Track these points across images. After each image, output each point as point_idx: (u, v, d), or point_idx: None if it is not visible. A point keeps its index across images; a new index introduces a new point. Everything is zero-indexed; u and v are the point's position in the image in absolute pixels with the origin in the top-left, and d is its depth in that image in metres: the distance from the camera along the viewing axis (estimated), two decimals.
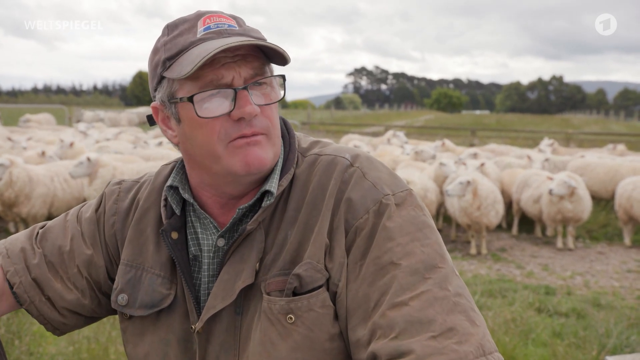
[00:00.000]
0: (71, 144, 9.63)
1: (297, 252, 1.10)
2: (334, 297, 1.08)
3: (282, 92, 1.15)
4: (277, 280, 1.09)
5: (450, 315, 0.98)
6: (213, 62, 1.05)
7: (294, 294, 1.07)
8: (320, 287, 1.07)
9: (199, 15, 1.11)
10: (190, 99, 1.07)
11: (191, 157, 1.15)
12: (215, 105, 1.07)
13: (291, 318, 1.06)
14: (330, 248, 1.08)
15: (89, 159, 7.32)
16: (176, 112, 1.11)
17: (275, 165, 1.15)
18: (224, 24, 1.10)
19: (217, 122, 1.07)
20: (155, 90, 1.15)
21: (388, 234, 1.05)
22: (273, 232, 1.13)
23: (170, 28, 1.12)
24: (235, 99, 1.06)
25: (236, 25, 1.11)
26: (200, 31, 1.08)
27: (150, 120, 1.23)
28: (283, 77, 1.14)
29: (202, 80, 1.06)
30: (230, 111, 1.07)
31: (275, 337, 1.07)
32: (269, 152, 1.11)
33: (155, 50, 1.13)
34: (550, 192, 7.40)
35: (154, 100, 1.17)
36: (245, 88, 1.07)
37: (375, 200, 1.08)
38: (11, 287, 1.26)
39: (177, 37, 1.09)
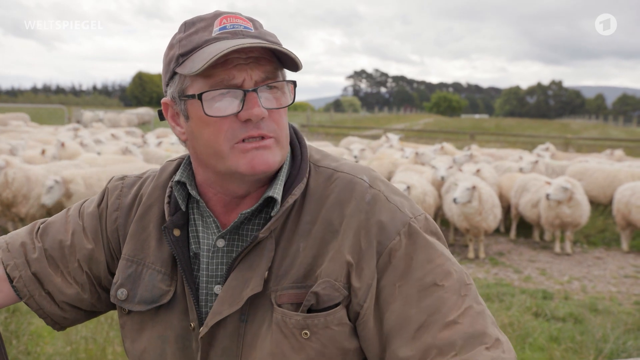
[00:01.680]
0: (62, 145, 9.61)
1: (311, 267, 1.10)
2: (355, 317, 1.10)
3: (291, 98, 1.15)
4: (289, 293, 1.10)
5: (490, 327, 1.06)
6: (226, 62, 1.05)
7: (309, 310, 1.08)
8: (337, 305, 1.08)
9: (216, 15, 1.12)
10: (200, 97, 1.07)
11: (197, 154, 1.16)
12: (224, 105, 1.07)
13: (306, 334, 1.07)
14: (357, 268, 1.09)
15: (56, 181, 7.05)
16: (185, 108, 1.12)
17: (279, 171, 1.16)
18: (240, 25, 1.10)
19: (224, 121, 1.08)
20: (167, 85, 1.15)
21: (426, 256, 1.09)
22: (284, 243, 1.13)
23: (187, 25, 1.13)
24: (244, 101, 1.07)
25: (252, 28, 1.11)
26: (215, 30, 1.09)
27: (161, 115, 1.24)
28: (294, 82, 1.15)
29: (213, 79, 1.07)
30: (238, 112, 1.07)
31: (288, 350, 1.08)
32: (276, 156, 1.12)
33: (171, 46, 1.14)
34: (548, 196, 7.41)
35: (165, 96, 1.17)
36: (254, 90, 1.07)
37: (404, 222, 1.11)
38: (11, 281, 1.26)
39: (192, 35, 1.10)
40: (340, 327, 1.08)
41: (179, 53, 1.10)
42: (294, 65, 1.11)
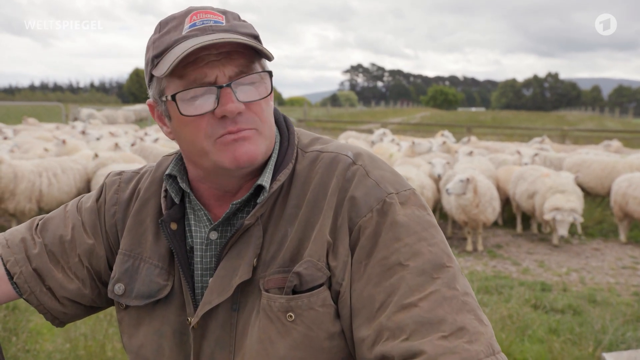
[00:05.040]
0: (64, 142, 9.62)
1: (298, 250, 1.09)
2: (336, 296, 1.07)
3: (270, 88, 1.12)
4: (276, 277, 1.08)
5: (459, 314, 0.98)
6: (197, 60, 1.04)
7: (294, 292, 1.07)
8: (320, 285, 1.06)
9: (188, 12, 1.10)
10: (173, 98, 1.07)
11: (184, 152, 1.16)
12: (200, 103, 1.06)
13: (291, 316, 1.06)
14: (333, 247, 1.07)
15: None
16: (166, 109, 1.12)
17: (269, 159, 1.15)
18: (210, 20, 1.08)
19: (202, 119, 1.07)
20: (149, 87, 1.15)
21: (395, 234, 1.04)
22: (272, 229, 1.12)
23: (161, 25, 1.12)
24: (218, 97, 1.05)
25: (223, 21, 1.09)
26: (186, 28, 1.07)
27: None
28: (270, 73, 1.11)
29: (186, 79, 1.06)
30: (214, 109, 1.06)
31: (274, 335, 1.06)
32: (260, 146, 1.10)
33: (147, 48, 1.13)
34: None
35: (149, 98, 1.17)
36: (228, 86, 1.05)
37: (379, 199, 1.07)
38: (11, 278, 1.25)
39: (164, 35, 1.09)
40: (324, 309, 1.06)
41: (153, 55, 1.09)
42: (267, 55, 1.09)
